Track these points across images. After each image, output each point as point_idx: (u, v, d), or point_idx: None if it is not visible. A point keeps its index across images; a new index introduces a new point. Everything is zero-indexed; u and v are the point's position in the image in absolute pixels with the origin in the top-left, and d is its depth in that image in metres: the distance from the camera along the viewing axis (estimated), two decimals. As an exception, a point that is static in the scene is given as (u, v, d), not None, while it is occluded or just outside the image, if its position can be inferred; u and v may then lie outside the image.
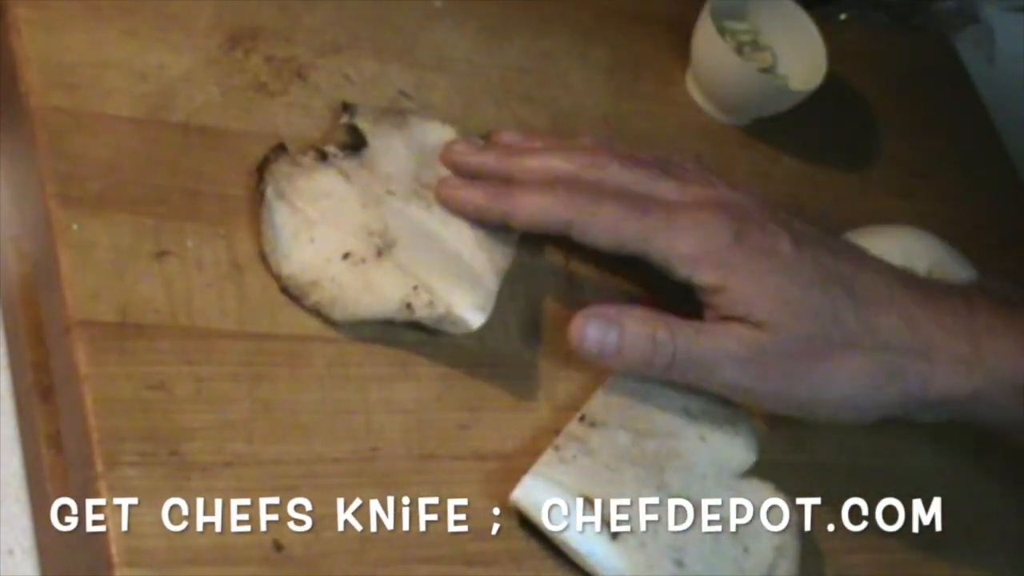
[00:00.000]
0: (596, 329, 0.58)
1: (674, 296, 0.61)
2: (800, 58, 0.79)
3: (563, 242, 0.62)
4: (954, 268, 0.75)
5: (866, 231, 0.75)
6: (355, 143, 0.63)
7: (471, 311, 0.59)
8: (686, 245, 0.59)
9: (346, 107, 0.64)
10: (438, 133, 0.65)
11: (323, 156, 0.61)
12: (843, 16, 0.90)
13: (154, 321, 0.54)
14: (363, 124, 0.63)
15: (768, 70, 0.78)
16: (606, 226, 0.59)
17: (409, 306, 0.58)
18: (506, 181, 0.62)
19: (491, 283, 0.60)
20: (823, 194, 0.80)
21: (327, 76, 0.65)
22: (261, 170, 0.60)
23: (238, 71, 0.63)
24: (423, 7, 0.71)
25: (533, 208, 0.60)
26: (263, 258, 0.58)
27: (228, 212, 0.59)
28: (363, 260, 0.59)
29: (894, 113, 0.87)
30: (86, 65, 0.59)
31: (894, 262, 0.68)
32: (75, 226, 0.55)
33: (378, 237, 0.59)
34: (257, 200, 0.59)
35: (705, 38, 0.76)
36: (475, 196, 0.61)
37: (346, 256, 0.59)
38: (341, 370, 0.57)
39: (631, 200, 0.60)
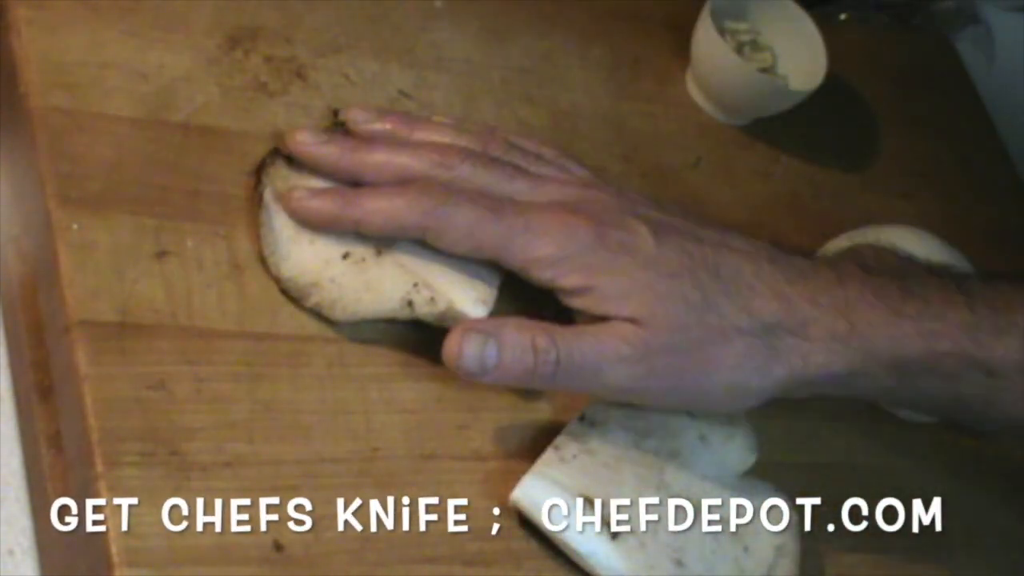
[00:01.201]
0: (473, 344, 0.56)
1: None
2: (800, 58, 0.78)
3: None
4: (954, 268, 0.75)
5: (866, 231, 0.75)
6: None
7: (473, 305, 0.59)
8: (545, 248, 0.57)
9: (336, 114, 0.64)
10: None
11: None
12: (843, 16, 0.90)
13: (154, 321, 0.54)
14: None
15: (768, 70, 0.78)
16: (462, 232, 0.57)
17: (410, 304, 0.58)
18: (354, 183, 0.59)
19: (491, 277, 0.60)
20: (823, 194, 0.80)
21: (327, 76, 0.65)
22: (259, 173, 0.60)
23: (238, 71, 0.63)
24: (423, 7, 0.71)
25: (385, 213, 0.57)
26: (262, 260, 0.58)
27: (228, 212, 0.59)
28: (363, 259, 0.59)
29: (894, 113, 0.87)
30: (86, 65, 0.59)
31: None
32: (75, 226, 0.55)
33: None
34: (256, 202, 0.59)
35: (705, 38, 0.76)
36: (323, 206, 0.58)
37: (346, 256, 0.59)
38: (341, 370, 0.57)
39: (486, 203, 0.58)
